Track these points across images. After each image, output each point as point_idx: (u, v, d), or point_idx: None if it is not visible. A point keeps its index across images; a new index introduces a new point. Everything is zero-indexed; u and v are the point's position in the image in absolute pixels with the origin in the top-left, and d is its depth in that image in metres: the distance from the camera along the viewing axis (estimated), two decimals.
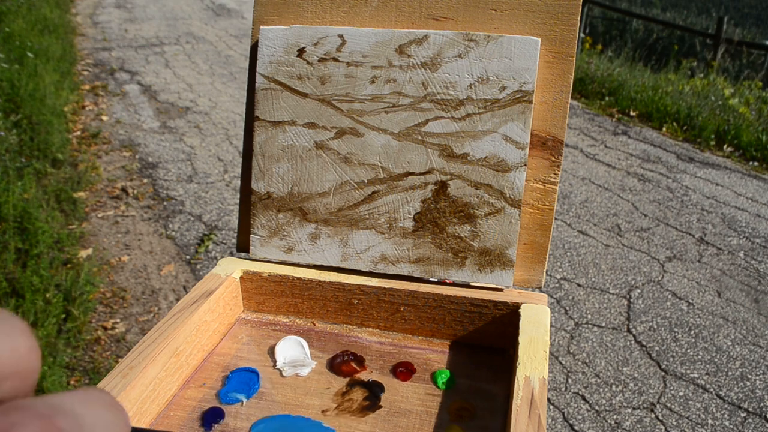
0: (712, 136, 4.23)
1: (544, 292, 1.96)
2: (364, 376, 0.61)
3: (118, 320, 2.20)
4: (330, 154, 0.67)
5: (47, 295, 2.12)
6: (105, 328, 2.15)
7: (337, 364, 0.62)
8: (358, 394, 0.59)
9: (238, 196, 1.26)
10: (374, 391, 0.59)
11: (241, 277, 0.70)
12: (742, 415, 1.89)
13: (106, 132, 3.92)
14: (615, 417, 1.87)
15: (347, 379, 0.61)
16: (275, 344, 0.65)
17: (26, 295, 2.07)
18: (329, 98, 0.67)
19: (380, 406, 0.57)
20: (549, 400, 1.94)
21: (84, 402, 0.16)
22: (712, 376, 2.05)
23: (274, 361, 0.63)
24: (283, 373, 0.61)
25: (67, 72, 4.82)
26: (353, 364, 0.62)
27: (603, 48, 6.72)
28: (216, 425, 0.55)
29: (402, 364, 0.62)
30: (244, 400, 0.58)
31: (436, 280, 0.68)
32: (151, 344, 0.56)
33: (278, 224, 0.70)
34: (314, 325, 0.69)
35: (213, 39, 6.57)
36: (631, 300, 2.44)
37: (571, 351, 2.14)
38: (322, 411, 0.57)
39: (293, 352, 0.64)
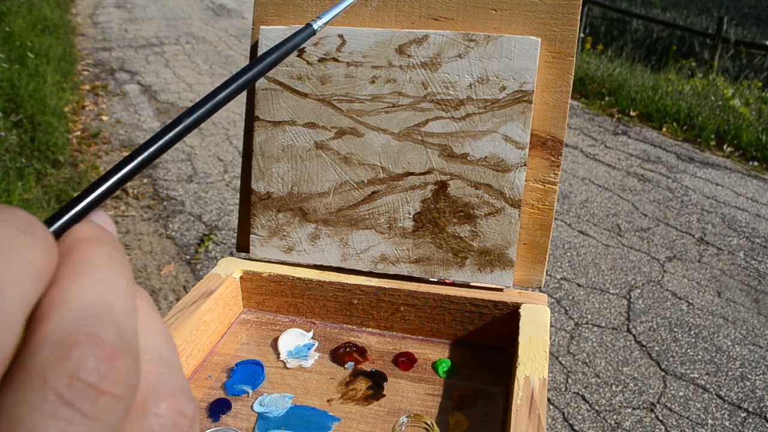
0: (712, 136, 4.23)
1: (544, 292, 1.96)
2: (366, 366, 0.63)
3: None
4: (330, 154, 0.67)
5: None
6: None
7: (340, 355, 0.64)
8: (361, 384, 0.60)
9: (238, 196, 1.26)
10: (377, 380, 0.60)
11: (241, 277, 0.70)
12: (742, 415, 1.89)
13: (106, 132, 3.92)
14: (615, 417, 1.87)
15: (350, 370, 0.62)
16: (278, 337, 0.66)
17: None
18: (329, 98, 0.67)
19: (383, 395, 0.59)
20: (549, 400, 1.94)
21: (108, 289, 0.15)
22: (712, 376, 2.05)
23: (278, 354, 0.64)
24: (287, 365, 0.63)
25: (67, 72, 4.81)
26: (355, 355, 0.64)
27: (600, 47, 6.71)
28: (223, 415, 0.56)
29: (403, 354, 0.64)
30: (250, 392, 0.59)
31: (436, 280, 0.68)
32: None
33: (278, 224, 0.70)
34: (314, 324, 0.70)
35: (213, 39, 6.57)
36: (631, 300, 2.44)
37: (571, 351, 2.14)
38: (327, 400, 0.58)
39: (296, 344, 0.65)
